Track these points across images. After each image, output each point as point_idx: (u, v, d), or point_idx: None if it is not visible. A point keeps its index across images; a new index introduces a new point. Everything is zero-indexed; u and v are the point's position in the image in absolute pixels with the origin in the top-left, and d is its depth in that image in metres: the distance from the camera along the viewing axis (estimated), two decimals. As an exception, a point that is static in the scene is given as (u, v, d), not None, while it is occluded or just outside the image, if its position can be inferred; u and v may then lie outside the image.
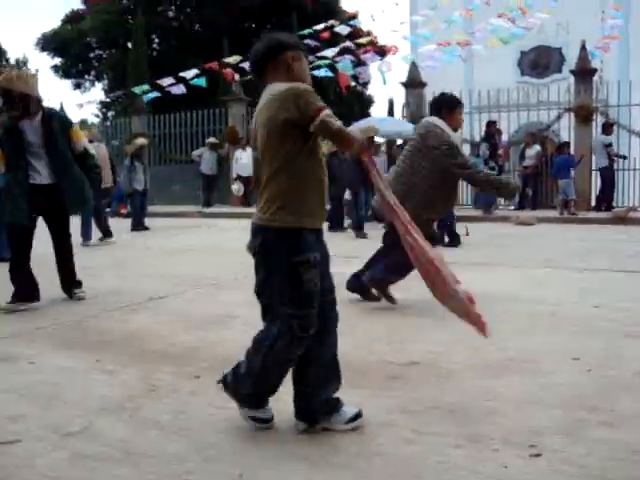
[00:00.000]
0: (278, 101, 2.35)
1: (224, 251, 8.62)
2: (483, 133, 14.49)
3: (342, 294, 5.28)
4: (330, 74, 15.45)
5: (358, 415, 2.53)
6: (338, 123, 2.34)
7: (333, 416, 2.51)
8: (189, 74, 16.25)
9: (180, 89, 16.49)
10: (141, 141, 12.57)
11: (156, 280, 6.27)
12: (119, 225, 11.66)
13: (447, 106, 4.88)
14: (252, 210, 9.09)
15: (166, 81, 16.67)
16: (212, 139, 17.96)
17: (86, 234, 9.52)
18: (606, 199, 14.34)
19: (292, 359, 2.45)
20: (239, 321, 4.39)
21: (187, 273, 6.67)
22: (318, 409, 2.51)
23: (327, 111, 2.32)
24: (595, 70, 15.13)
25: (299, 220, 2.38)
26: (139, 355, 3.62)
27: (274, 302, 2.42)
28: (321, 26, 16.18)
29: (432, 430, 2.48)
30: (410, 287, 5.59)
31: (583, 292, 5.26)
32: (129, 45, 29.52)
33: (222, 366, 3.33)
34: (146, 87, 17.46)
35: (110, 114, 34.21)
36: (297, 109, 2.30)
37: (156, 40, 33.55)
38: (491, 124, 14.07)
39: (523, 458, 2.24)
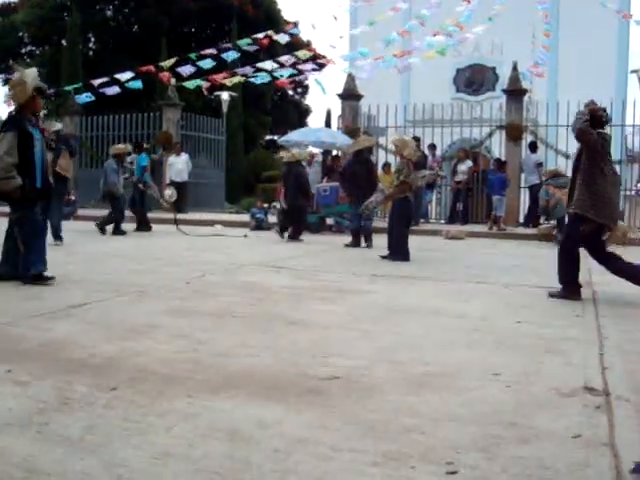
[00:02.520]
0: None
1: (150, 258, 8.46)
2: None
3: (270, 306, 5.24)
4: (268, 79, 15.45)
5: None
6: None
7: None
8: (124, 76, 15.94)
9: (114, 90, 16.16)
10: (125, 146, 12.74)
11: (79, 286, 6.07)
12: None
13: None
14: (184, 216, 8.94)
15: (100, 81, 16.30)
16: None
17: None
18: (534, 216, 14.74)
19: None
20: (162, 331, 4.29)
21: (111, 280, 6.49)
22: None
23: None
24: (525, 90, 15.59)
25: None
26: (56, 365, 3.47)
27: None
28: (261, 35, 16.11)
29: (350, 446, 2.46)
30: (337, 299, 5.61)
31: (507, 307, 5.37)
32: (63, 43, 28.83)
33: (142, 377, 3.25)
34: (79, 85, 17.05)
35: (42, 113, 33.31)
36: None
37: (92, 39, 32.87)
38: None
39: (439, 476, 2.24)
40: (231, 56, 16.95)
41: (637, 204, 15.20)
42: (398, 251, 8.60)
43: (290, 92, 37.52)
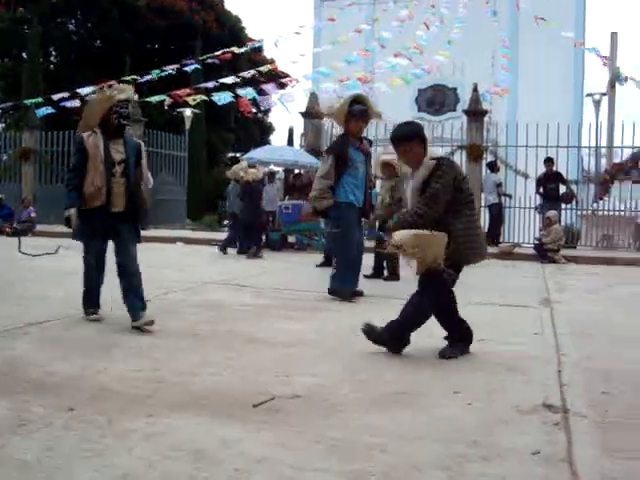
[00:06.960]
0: None
1: (109, 275, 8.32)
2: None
3: (232, 325, 5.20)
4: (230, 99, 15.37)
5: None
6: None
7: None
8: (85, 90, 15.73)
9: (74, 103, 15.91)
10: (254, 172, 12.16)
11: (39, 303, 5.97)
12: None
13: None
14: (146, 233, 8.57)
15: (61, 96, 16.07)
16: None
17: None
18: (493, 234, 14.94)
19: None
20: (122, 349, 4.23)
21: (70, 297, 6.37)
22: None
23: None
24: (486, 111, 15.86)
25: None
26: (13, 385, 3.40)
27: None
28: (222, 51, 16.10)
29: (313, 466, 2.45)
30: (300, 318, 5.60)
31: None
32: (24, 55, 28.49)
33: (101, 397, 3.19)
34: (39, 100, 16.80)
35: (0, 126, 32.74)
36: None
37: (53, 53, 32.51)
38: None
39: (402, 494, 2.25)
40: (192, 66, 16.86)
41: (593, 224, 15.52)
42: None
43: (253, 110, 37.60)
